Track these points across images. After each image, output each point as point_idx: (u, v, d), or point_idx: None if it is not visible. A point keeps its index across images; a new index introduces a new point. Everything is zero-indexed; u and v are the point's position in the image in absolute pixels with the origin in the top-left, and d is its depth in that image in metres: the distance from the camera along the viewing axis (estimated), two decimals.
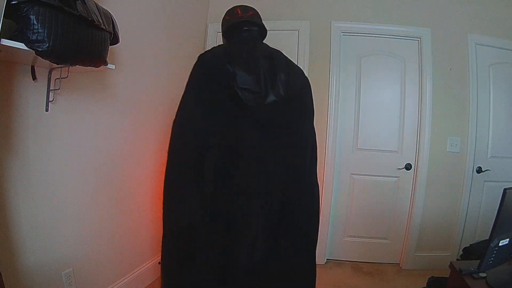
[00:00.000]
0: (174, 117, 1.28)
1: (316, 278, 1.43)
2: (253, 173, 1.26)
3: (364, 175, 2.52)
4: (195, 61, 1.32)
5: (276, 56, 1.34)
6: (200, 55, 1.33)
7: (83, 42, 1.12)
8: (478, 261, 1.19)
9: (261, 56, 1.30)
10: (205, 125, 1.22)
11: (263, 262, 1.27)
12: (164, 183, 1.27)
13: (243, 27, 1.38)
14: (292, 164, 1.32)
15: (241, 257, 1.25)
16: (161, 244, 1.31)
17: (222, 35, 1.46)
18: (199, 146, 1.22)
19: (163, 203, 1.28)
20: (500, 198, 1.13)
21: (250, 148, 1.25)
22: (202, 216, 1.22)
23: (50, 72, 1.30)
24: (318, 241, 1.44)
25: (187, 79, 1.32)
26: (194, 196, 1.22)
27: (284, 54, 1.41)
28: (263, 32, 1.45)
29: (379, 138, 2.49)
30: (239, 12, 1.40)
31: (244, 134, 1.24)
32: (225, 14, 1.46)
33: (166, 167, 1.26)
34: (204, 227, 1.24)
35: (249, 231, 1.26)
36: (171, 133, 1.27)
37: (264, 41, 1.47)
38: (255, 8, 1.45)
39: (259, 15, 1.45)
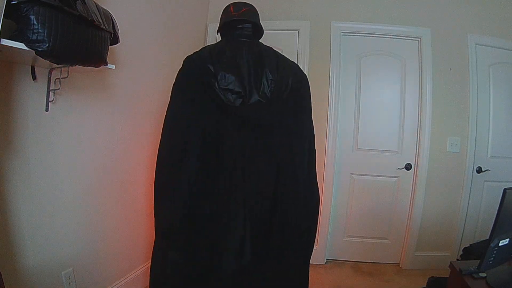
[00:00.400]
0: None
1: (309, 278, 1.42)
2: (238, 173, 1.24)
3: (364, 175, 2.52)
4: None
5: (265, 54, 1.31)
6: (187, 56, 1.34)
7: (83, 42, 1.12)
8: (478, 261, 1.19)
9: (248, 54, 1.28)
10: (188, 126, 1.23)
11: (254, 263, 1.26)
12: (154, 183, 1.29)
13: (236, 25, 1.36)
14: (288, 163, 1.29)
15: (229, 259, 1.23)
16: None
17: (219, 33, 1.45)
18: (182, 146, 1.23)
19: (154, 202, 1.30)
20: (500, 198, 1.13)
21: (234, 148, 1.24)
22: (184, 217, 1.23)
23: (50, 72, 1.30)
24: (318, 241, 1.43)
25: None
26: (176, 197, 1.23)
27: (279, 52, 1.39)
28: (257, 29, 1.41)
29: (379, 138, 2.49)
30: (232, 10, 1.38)
31: (228, 134, 1.24)
32: (222, 11, 1.45)
33: (155, 166, 1.28)
34: (186, 229, 1.24)
35: (235, 233, 1.24)
36: (161, 133, 1.30)
37: (262, 40, 1.45)
38: (252, 5, 1.42)
39: (255, 12, 1.42)
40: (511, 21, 2.38)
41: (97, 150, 1.64)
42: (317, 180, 1.42)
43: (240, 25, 1.36)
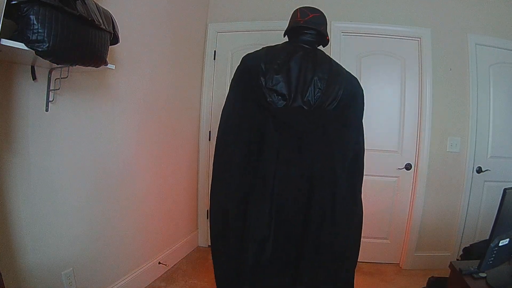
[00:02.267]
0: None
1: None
2: (270, 174, 1.27)
3: (364, 175, 2.51)
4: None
5: (319, 63, 1.31)
6: (246, 54, 1.38)
7: (83, 42, 1.13)
8: (478, 261, 1.19)
9: (302, 60, 1.29)
10: (238, 121, 1.30)
11: (276, 267, 1.29)
12: None
13: (301, 31, 1.37)
14: (325, 171, 1.28)
15: (249, 254, 1.27)
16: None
17: (286, 35, 1.47)
18: (232, 140, 1.31)
19: None
20: (500, 198, 1.13)
21: (271, 149, 1.27)
22: (226, 205, 1.33)
23: (50, 72, 1.30)
24: None
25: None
26: (221, 187, 1.35)
27: (339, 64, 1.39)
28: (320, 37, 1.40)
29: (379, 138, 2.49)
30: (298, 15, 1.39)
31: (269, 134, 1.27)
32: (291, 14, 1.45)
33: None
34: (227, 217, 1.32)
35: (258, 231, 1.27)
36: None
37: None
38: (320, 11, 1.42)
39: (322, 19, 1.41)
40: (511, 21, 2.38)
41: (97, 150, 1.63)
42: (360, 198, 1.39)
43: (305, 31, 1.37)
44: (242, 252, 1.29)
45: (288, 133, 1.27)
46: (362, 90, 1.38)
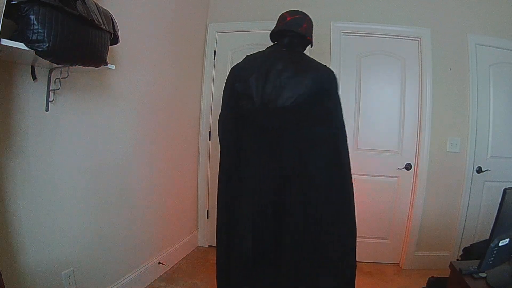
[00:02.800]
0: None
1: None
2: (246, 173, 1.34)
3: (364, 175, 2.52)
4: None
5: (290, 64, 1.32)
6: (234, 64, 1.47)
7: (83, 42, 1.13)
8: (478, 261, 1.19)
9: (272, 64, 1.32)
10: (231, 127, 1.39)
11: (257, 262, 1.34)
12: None
13: (284, 34, 1.42)
14: (299, 170, 1.30)
15: (235, 246, 1.36)
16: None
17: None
18: (224, 144, 1.42)
19: None
20: (500, 198, 1.13)
21: (246, 151, 1.35)
22: (221, 206, 1.45)
23: (50, 72, 1.30)
24: None
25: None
26: (220, 188, 1.45)
27: (314, 61, 1.41)
28: (298, 38, 1.41)
29: (379, 138, 2.49)
30: (280, 19, 1.45)
31: (243, 136, 1.34)
32: None
33: None
34: (223, 217, 1.43)
35: (240, 229, 1.35)
36: None
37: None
38: (301, 13, 1.44)
39: (301, 20, 1.41)
40: (511, 21, 2.37)
41: (97, 150, 1.63)
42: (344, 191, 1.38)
43: (284, 34, 1.42)
44: (231, 248, 1.37)
45: (259, 134, 1.32)
46: (336, 84, 1.38)
